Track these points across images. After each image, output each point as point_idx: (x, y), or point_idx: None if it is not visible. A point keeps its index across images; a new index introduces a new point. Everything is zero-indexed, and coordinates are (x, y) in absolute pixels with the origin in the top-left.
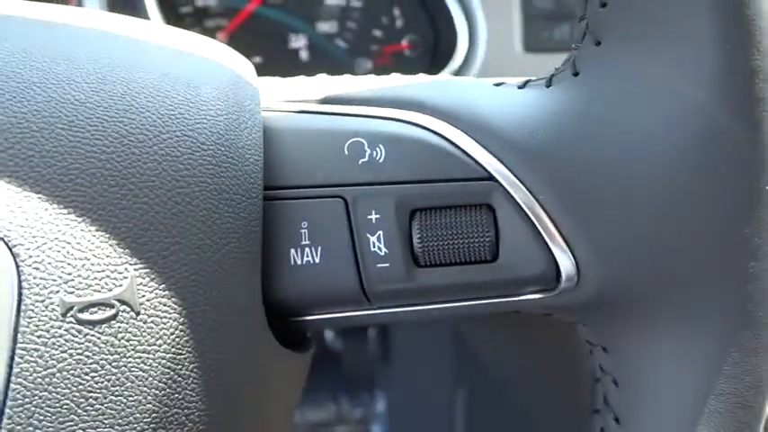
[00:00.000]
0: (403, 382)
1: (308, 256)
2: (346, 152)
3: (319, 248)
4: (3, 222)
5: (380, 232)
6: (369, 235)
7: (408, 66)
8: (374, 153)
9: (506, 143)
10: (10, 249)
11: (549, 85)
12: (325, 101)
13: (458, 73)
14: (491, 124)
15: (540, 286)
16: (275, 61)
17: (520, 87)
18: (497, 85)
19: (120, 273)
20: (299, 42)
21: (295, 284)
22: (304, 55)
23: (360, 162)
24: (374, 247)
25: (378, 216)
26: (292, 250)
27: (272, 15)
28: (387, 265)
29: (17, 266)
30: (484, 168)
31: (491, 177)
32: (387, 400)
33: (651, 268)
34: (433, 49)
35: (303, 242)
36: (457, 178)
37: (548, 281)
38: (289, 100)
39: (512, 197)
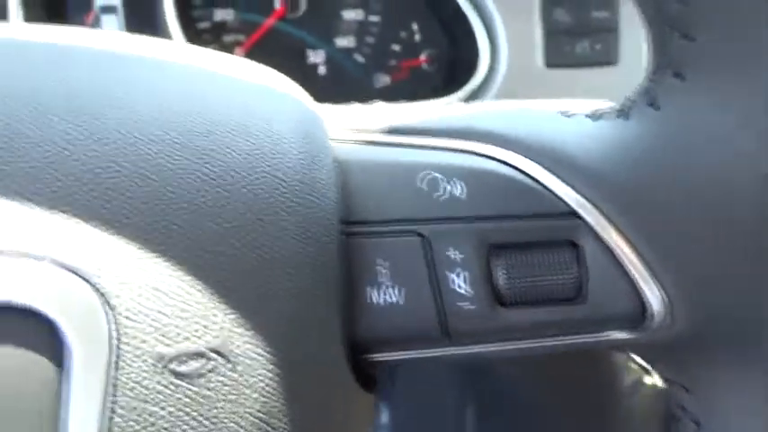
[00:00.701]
0: (408, 393)
1: (385, 295)
2: (421, 186)
3: (397, 287)
4: (95, 270)
5: (462, 270)
6: (449, 273)
7: (426, 81)
8: (451, 187)
9: (588, 178)
10: (105, 299)
11: (626, 117)
12: (391, 131)
13: (479, 88)
14: (571, 158)
15: (626, 324)
16: (293, 76)
17: (591, 118)
18: (565, 114)
19: (215, 322)
20: (317, 57)
21: (373, 323)
22: (322, 70)
23: (436, 197)
24: (455, 284)
25: (458, 253)
26: (368, 288)
27: (290, 30)
28: (470, 304)
29: (114, 317)
30: (566, 204)
31: (574, 213)
32: (390, 412)
33: (742, 304)
34: (452, 64)
35: (380, 280)
36: (539, 214)
37: (635, 319)
38: (353, 129)
39: (597, 233)
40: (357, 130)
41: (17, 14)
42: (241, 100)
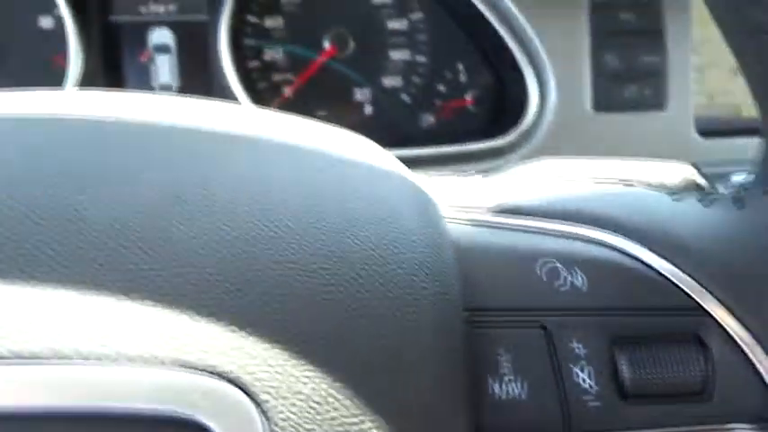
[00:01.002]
0: None
1: (507, 387)
2: (540, 275)
3: (519, 380)
4: (249, 378)
5: (586, 364)
6: (573, 366)
7: (472, 121)
8: (571, 278)
9: (712, 272)
10: (261, 408)
11: (741, 205)
12: (502, 211)
13: (529, 131)
14: (690, 250)
15: (751, 419)
16: (339, 115)
17: (703, 203)
18: (675, 196)
19: (362, 429)
20: (363, 96)
21: (494, 416)
22: (368, 109)
23: (557, 286)
24: (579, 378)
25: (581, 346)
26: (490, 379)
27: (338, 69)
28: (594, 399)
29: (270, 427)
30: (691, 297)
31: (699, 307)
32: None
33: None
34: (497, 106)
35: (501, 371)
36: (663, 308)
37: (762, 414)
38: (460, 207)
39: (723, 328)
40: (465, 209)
41: (76, 52)
42: (362, 186)
